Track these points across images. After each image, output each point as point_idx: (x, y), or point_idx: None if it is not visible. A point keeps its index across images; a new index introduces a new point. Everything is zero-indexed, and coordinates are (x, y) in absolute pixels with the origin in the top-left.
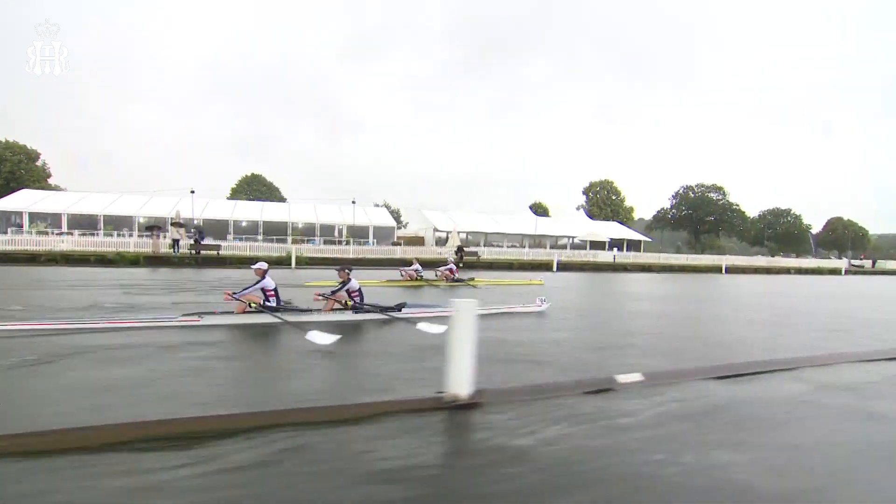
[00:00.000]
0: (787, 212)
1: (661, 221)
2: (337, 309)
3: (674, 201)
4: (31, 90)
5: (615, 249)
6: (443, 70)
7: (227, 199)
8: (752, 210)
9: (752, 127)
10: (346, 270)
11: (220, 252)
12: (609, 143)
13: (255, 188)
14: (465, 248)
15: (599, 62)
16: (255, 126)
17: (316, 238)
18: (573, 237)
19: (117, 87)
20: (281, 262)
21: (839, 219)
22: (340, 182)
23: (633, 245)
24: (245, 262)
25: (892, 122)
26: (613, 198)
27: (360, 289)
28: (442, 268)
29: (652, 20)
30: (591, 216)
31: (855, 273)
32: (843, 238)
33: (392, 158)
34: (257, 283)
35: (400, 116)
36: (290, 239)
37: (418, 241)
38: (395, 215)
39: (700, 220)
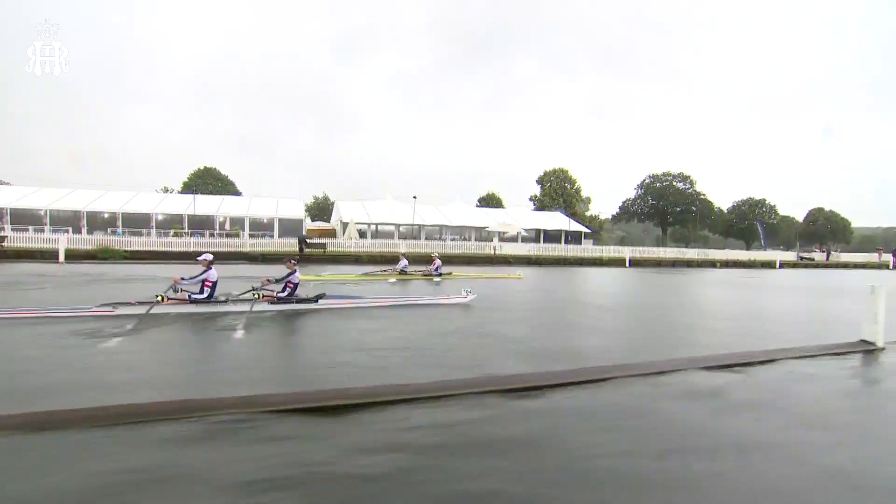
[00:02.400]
0: (762, 202)
1: (626, 213)
2: (266, 299)
3: (639, 192)
4: (41, 91)
5: (495, 240)
6: (433, 67)
7: (179, 192)
8: (726, 202)
9: (738, 121)
10: (293, 262)
11: (4, 245)
12: (596, 137)
13: (207, 182)
14: (307, 241)
15: (584, 59)
16: (252, 124)
17: (216, 231)
18: (485, 227)
19: (122, 87)
20: (94, 256)
21: (820, 209)
22: (335, 177)
23: (574, 237)
24: (29, 255)
25: (884, 115)
26: (567, 186)
27: (297, 283)
28: (430, 265)
29: (636, 19)
30: (544, 207)
31: (796, 266)
32: (824, 230)
33: (386, 154)
34: (203, 273)
35: (392, 113)
36: (114, 230)
37: (329, 233)
38: (332, 208)
39: (667, 211)
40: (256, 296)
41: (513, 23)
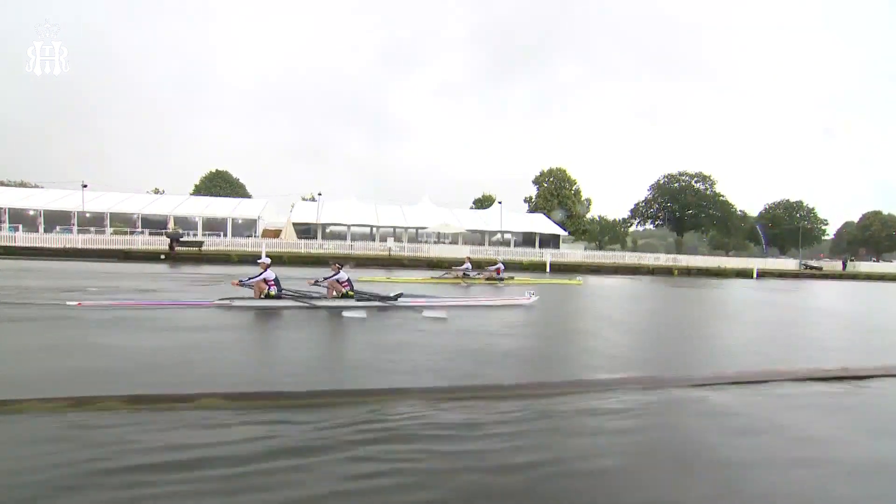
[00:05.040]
0: (799, 205)
1: (638, 215)
2: (335, 296)
3: (652, 193)
4: (128, 109)
5: (390, 240)
6: (476, 76)
7: (191, 195)
8: (758, 206)
9: (782, 124)
10: (338, 265)
11: None
12: (650, 141)
13: (216, 185)
14: (179, 239)
15: (623, 63)
16: (308, 134)
17: (167, 230)
18: (424, 228)
19: (194, 103)
20: None
21: (877, 213)
22: (387, 182)
23: (551, 240)
24: None
25: None
26: (566, 187)
27: (347, 279)
28: (490, 268)
29: (673, 24)
30: (537, 209)
31: (782, 276)
32: (878, 236)
33: (433, 159)
34: (260, 274)
35: (439, 121)
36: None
37: (277, 234)
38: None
39: (683, 214)
40: (348, 292)
41: (552, 31)
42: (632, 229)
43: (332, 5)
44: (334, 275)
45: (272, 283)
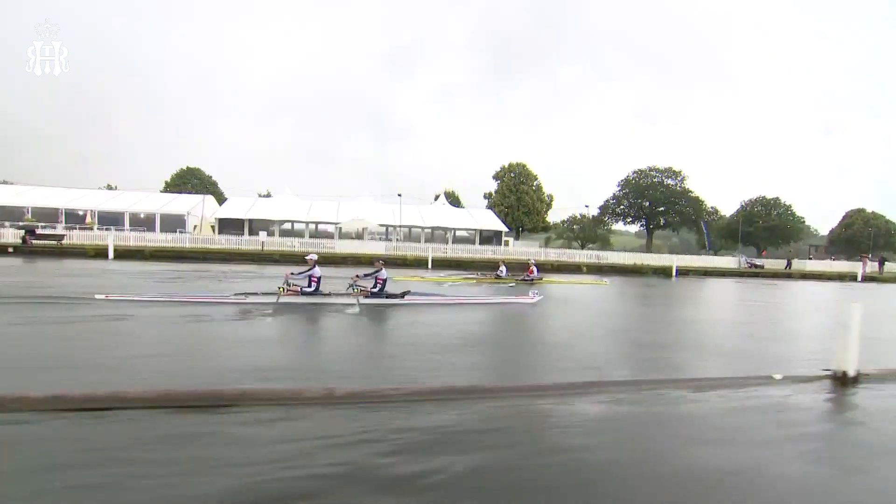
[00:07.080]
0: (776, 201)
1: (608, 212)
2: (362, 293)
3: (622, 190)
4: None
5: (262, 234)
6: (477, 77)
7: (161, 192)
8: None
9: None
10: (380, 262)
11: None
12: (647, 140)
13: (187, 181)
14: (37, 232)
15: (620, 64)
16: (315, 135)
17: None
18: (338, 224)
19: (208, 105)
20: None
21: (860, 211)
22: (393, 182)
23: (493, 237)
24: None
25: None
26: (524, 182)
27: (385, 279)
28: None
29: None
30: (494, 205)
31: (703, 275)
32: (861, 235)
33: (437, 159)
34: (309, 269)
35: (441, 121)
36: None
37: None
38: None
39: (653, 211)
40: (355, 290)
41: (550, 33)
42: (618, 227)
43: (336, 11)
44: (376, 271)
45: (316, 279)
